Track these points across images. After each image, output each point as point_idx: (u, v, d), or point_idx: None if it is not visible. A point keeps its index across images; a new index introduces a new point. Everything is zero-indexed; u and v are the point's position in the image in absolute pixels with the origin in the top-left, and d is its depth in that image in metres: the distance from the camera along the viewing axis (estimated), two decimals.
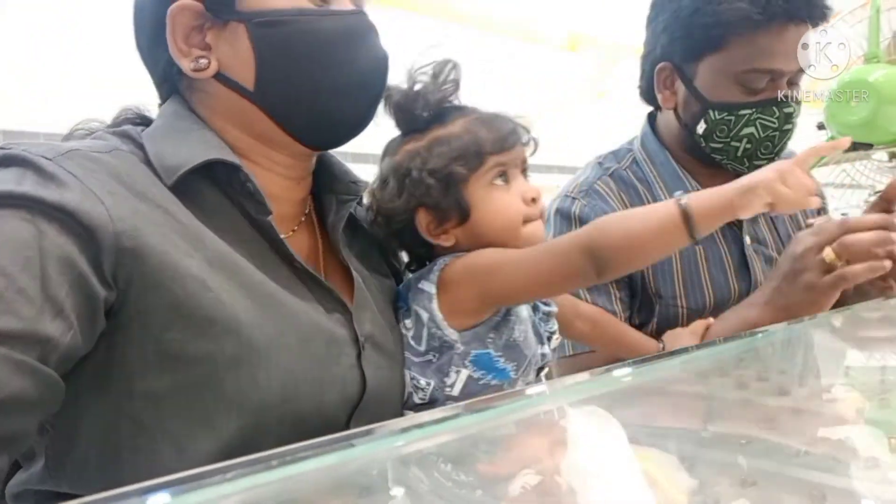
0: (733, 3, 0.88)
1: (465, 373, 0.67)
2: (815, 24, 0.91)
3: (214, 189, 0.59)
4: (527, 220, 0.71)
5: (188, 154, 0.57)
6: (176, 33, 0.60)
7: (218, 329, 0.51)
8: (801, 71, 0.93)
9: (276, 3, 0.59)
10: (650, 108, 1.11)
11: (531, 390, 0.57)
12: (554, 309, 0.76)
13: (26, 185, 0.47)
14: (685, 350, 0.72)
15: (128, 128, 0.62)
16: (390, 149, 0.73)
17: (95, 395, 0.51)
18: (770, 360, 0.68)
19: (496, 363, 0.68)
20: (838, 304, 0.94)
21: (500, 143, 0.69)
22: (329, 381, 0.59)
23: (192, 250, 0.53)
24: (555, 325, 0.76)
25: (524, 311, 0.71)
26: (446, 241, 0.71)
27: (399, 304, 0.73)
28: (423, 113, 0.70)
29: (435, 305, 0.67)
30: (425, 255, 0.75)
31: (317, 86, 0.61)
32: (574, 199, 1.03)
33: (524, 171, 0.73)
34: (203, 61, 0.60)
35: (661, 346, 0.97)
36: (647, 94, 1.06)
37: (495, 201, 0.69)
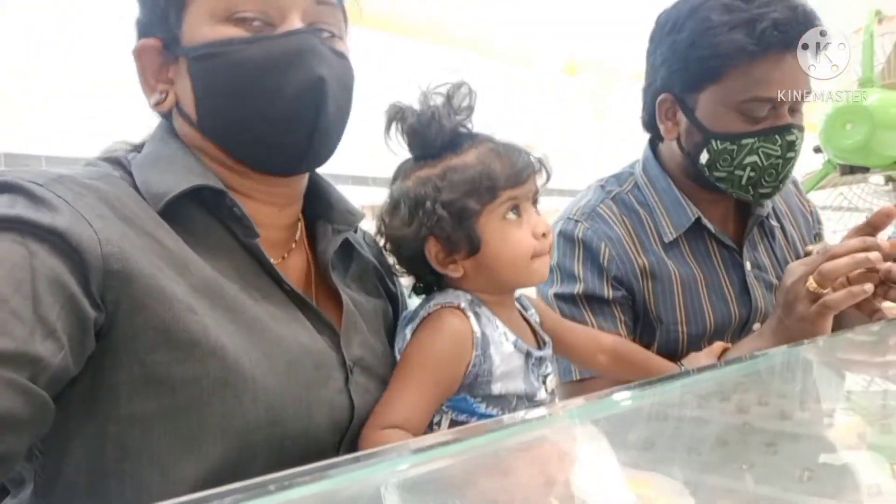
0: (728, 35, 0.88)
1: (448, 416, 0.68)
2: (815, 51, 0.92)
3: (205, 213, 0.60)
4: (535, 255, 0.70)
5: (174, 181, 0.58)
6: (146, 70, 0.63)
7: (204, 352, 0.52)
8: (804, 97, 0.93)
9: (208, 36, 0.59)
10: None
11: (530, 415, 0.57)
12: (547, 353, 0.76)
13: (18, 208, 0.48)
14: (686, 374, 0.72)
15: (119, 155, 0.63)
16: (402, 173, 0.72)
17: (83, 419, 0.51)
18: (770, 384, 0.67)
19: (477, 409, 0.68)
20: (840, 327, 0.94)
21: (514, 178, 0.68)
22: (317, 405, 0.59)
23: (177, 277, 0.53)
24: (549, 369, 0.76)
25: (511, 363, 0.70)
26: (455, 272, 0.70)
27: (396, 333, 0.73)
28: (436, 139, 0.68)
29: None
30: (434, 282, 0.75)
31: (249, 113, 0.60)
32: (577, 221, 1.04)
33: (535, 201, 0.73)
34: (162, 96, 0.63)
35: (681, 369, 0.96)
36: (650, 125, 1.07)
37: (507, 236, 0.69)
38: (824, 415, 0.61)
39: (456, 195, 0.66)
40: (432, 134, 0.68)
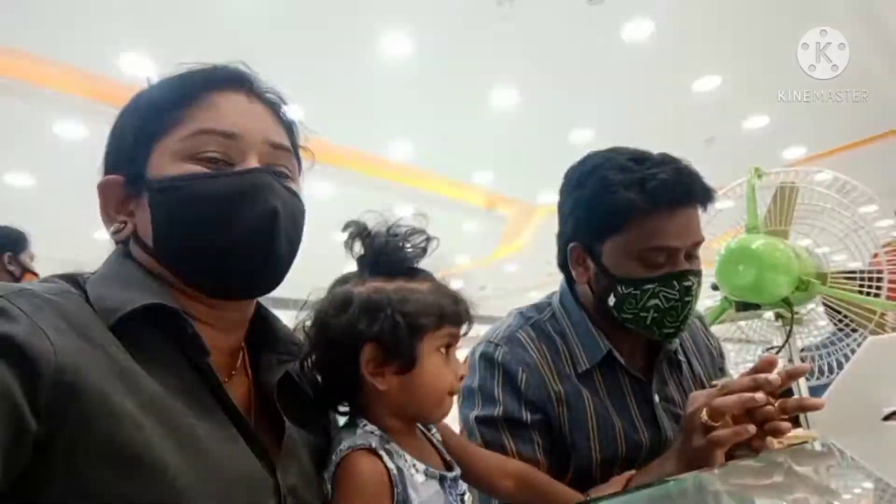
0: (624, 193, 0.98)
1: None
2: (702, 204, 1.02)
3: (155, 332, 0.60)
4: (450, 393, 0.76)
5: (128, 297, 0.59)
6: (108, 204, 0.67)
7: (145, 471, 0.51)
8: (696, 245, 1.02)
9: (172, 171, 0.64)
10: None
11: None
12: (458, 473, 0.77)
13: None
14: (596, 501, 0.71)
15: (75, 273, 0.64)
16: (352, 278, 0.76)
17: None
18: None
19: None
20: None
21: (455, 317, 0.75)
22: None
23: (127, 392, 0.53)
24: (463, 487, 0.77)
25: (428, 491, 0.70)
26: (381, 385, 0.72)
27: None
28: (395, 262, 0.76)
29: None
30: (344, 397, 0.77)
31: (207, 241, 0.64)
32: (497, 345, 1.08)
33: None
34: (121, 226, 0.67)
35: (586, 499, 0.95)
36: (564, 269, 1.14)
37: (437, 366, 0.74)
38: None
39: (412, 310, 0.72)
40: (392, 256, 0.76)
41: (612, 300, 1.03)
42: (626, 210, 0.98)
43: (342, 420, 0.79)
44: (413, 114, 4.82)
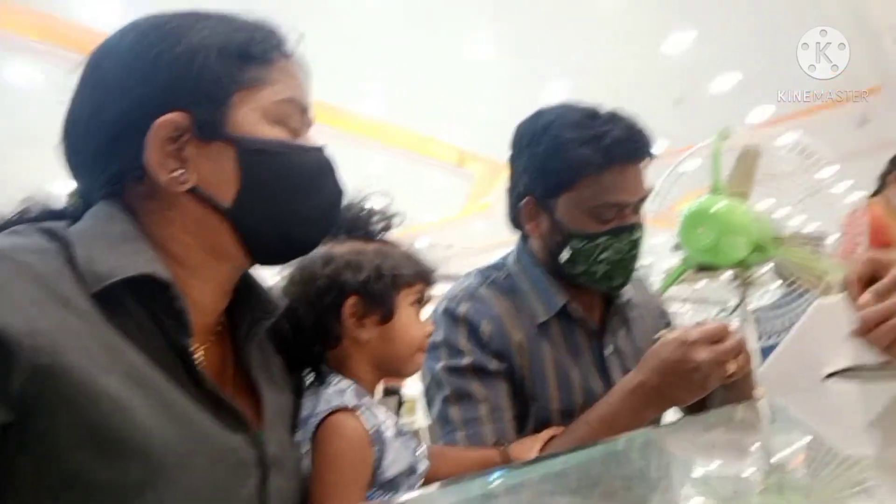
0: (579, 151, 1.01)
1: None
2: (645, 162, 1.08)
3: (134, 300, 0.57)
4: (419, 349, 0.81)
5: (118, 263, 0.55)
6: (154, 144, 0.59)
7: (128, 452, 0.49)
8: (642, 200, 1.08)
9: (264, 133, 0.62)
10: None
11: (404, 498, 0.56)
12: (412, 427, 0.82)
13: None
14: (554, 455, 0.74)
15: (51, 224, 0.59)
16: (328, 241, 0.81)
17: None
18: (632, 467, 0.71)
19: (372, 497, 0.70)
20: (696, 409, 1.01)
21: (428, 275, 0.83)
22: None
23: (111, 364, 0.51)
24: (422, 444, 0.80)
25: (394, 444, 0.73)
26: (363, 335, 0.77)
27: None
28: (372, 227, 0.83)
29: (308, 461, 0.70)
30: (322, 352, 0.79)
31: (288, 213, 0.64)
32: (460, 301, 1.12)
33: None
34: (180, 174, 0.60)
35: (502, 449, 0.99)
36: (515, 223, 1.19)
37: (411, 318, 0.81)
38: (681, 499, 0.65)
39: (392, 264, 0.78)
40: (366, 226, 0.82)
41: (565, 254, 1.07)
42: (581, 167, 1.01)
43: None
44: (384, 67, 4.73)
